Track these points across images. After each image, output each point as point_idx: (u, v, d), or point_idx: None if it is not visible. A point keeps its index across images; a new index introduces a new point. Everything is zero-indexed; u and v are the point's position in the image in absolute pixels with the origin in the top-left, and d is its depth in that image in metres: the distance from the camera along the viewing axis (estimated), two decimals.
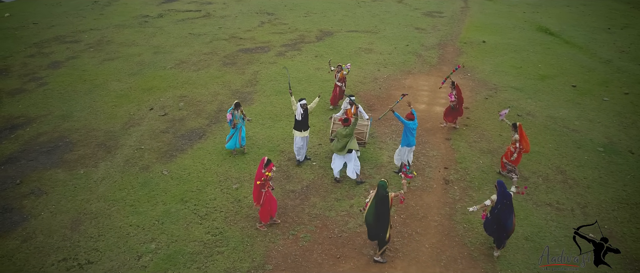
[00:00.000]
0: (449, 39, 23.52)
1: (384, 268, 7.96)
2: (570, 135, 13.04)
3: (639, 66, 19.79)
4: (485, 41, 22.92)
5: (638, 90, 16.77)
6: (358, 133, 10.70)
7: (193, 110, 13.94)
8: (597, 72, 18.81)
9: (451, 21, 27.63)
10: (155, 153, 11.41)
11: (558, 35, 24.77)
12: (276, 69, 17.67)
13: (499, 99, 15.55)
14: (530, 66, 19.25)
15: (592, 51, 22.01)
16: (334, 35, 23.27)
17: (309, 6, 30.28)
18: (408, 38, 23.11)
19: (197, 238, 8.51)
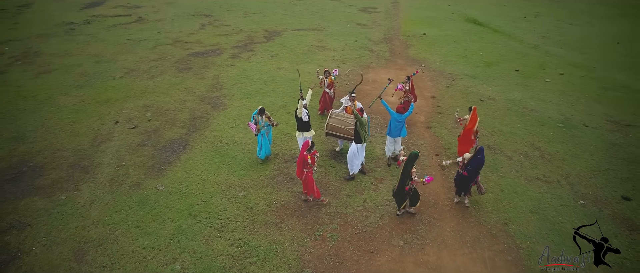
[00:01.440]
0: (392, 33, 24.38)
1: (419, 256, 8.13)
2: (531, 114, 14.19)
3: (562, 49, 22.02)
4: (426, 33, 24.09)
5: (570, 71, 18.67)
6: (352, 128, 10.66)
7: (164, 120, 13.09)
8: (530, 56, 20.61)
9: (387, 16, 28.64)
10: (141, 169, 10.57)
11: (486, 25, 26.73)
12: (237, 72, 17.16)
13: (458, 86, 16.46)
14: (474, 55, 20.60)
15: (519, 38, 24.07)
16: (281, 34, 23.07)
17: (245, 6, 29.71)
18: (354, 34, 23.57)
19: (223, 252, 8.06)
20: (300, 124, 10.21)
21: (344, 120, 10.85)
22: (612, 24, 28.25)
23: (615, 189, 10.33)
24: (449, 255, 8.18)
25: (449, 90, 16.08)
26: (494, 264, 7.97)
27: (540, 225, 8.99)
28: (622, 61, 20.42)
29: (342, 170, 10.72)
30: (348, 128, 10.64)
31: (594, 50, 22.10)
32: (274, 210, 9.24)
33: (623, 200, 9.93)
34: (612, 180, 10.69)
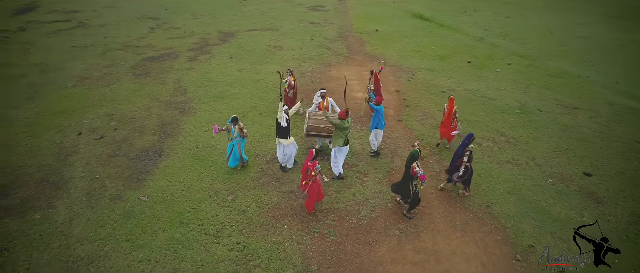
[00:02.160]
0: (346, 30, 24.79)
1: (416, 243, 8.43)
2: (490, 103, 15.05)
3: (504, 41, 23.47)
4: (378, 30, 24.73)
5: (516, 61, 19.96)
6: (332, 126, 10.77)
7: (132, 128, 12.54)
8: (478, 48, 21.79)
9: (338, 14, 29.06)
10: (118, 180, 10.08)
11: (432, 20, 27.88)
12: (198, 75, 16.74)
13: (419, 79, 17.10)
14: (426, 49, 21.45)
15: (464, 31, 25.34)
16: (236, 35, 22.76)
17: (191, 8, 28.97)
18: (309, 32, 23.73)
19: (224, 258, 7.91)
20: (280, 130, 10.08)
21: (322, 118, 10.93)
22: (541, 17, 30.48)
23: (576, 167, 11.23)
24: (443, 240, 8.55)
25: (411, 83, 16.65)
26: (486, 244, 8.43)
27: (519, 205, 9.60)
28: (557, 50, 22.12)
29: (325, 168, 10.80)
30: (328, 126, 10.74)
31: (532, 40, 23.75)
32: (267, 211, 9.17)
33: (585, 176, 10.83)
34: (572, 158, 11.61)
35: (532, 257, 8.13)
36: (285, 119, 9.95)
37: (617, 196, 10.02)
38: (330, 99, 11.44)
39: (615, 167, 11.22)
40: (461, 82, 16.85)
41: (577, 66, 19.40)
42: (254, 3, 31.83)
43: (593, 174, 10.86)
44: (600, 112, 14.50)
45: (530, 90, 16.34)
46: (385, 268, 7.80)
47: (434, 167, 11.02)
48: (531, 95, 15.80)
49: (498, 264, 7.95)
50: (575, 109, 14.67)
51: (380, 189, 10.03)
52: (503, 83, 17.00)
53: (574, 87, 16.79)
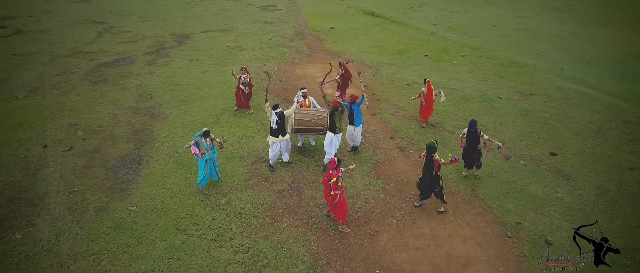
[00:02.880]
0: (302, 28, 24.93)
1: (414, 230, 8.74)
2: (454, 93, 15.78)
3: (454, 34, 24.63)
4: (333, 27, 25.08)
5: (468, 52, 21.02)
6: (319, 119, 10.90)
7: (102, 137, 11.96)
8: (432, 42, 22.72)
9: (290, 13, 29.13)
10: (99, 192, 9.60)
11: (383, 17, 28.67)
12: (161, 79, 16.23)
13: (383, 74, 17.58)
14: (384, 44, 22.07)
15: (415, 26, 26.30)
16: (191, 37, 22.23)
17: (138, 11, 27.91)
18: (266, 32, 23.64)
19: (231, 261, 7.80)
20: (272, 130, 10.08)
21: (309, 112, 11.01)
22: (481, 10, 32.24)
23: (542, 148, 12.08)
24: (438, 224, 8.93)
25: (377, 78, 17.08)
26: (478, 225, 8.90)
27: (500, 186, 10.21)
28: (504, 41, 23.53)
29: (312, 163, 10.92)
30: (315, 119, 10.83)
31: (478, 33, 25.09)
32: (263, 211, 9.13)
33: (551, 155, 11.68)
34: (537, 141, 12.48)
35: (521, 233, 8.69)
36: (274, 120, 9.93)
37: (583, 172, 10.91)
38: (311, 97, 11.53)
39: (575, 146, 12.18)
40: (423, 75, 17.46)
41: (524, 56, 20.75)
42: (202, 4, 31.16)
43: (558, 154, 11.72)
44: (552, 96, 15.63)
45: (487, 79, 17.30)
46: (390, 256, 8.03)
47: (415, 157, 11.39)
48: (489, 84, 16.73)
49: (492, 243, 8.43)
50: (531, 95, 15.73)
51: (370, 181, 10.27)
52: (461, 74, 17.85)
53: (525, 75, 17.97)
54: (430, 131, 12.69)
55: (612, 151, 11.92)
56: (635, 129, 13.27)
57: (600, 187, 10.28)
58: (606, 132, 13.00)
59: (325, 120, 10.84)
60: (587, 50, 22.19)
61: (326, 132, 10.85)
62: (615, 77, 18.11)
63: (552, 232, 8.72)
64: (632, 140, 12.56)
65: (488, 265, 7.89)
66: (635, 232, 8.80)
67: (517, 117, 13.84)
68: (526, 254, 8.15)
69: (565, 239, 8.51)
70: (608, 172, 10.91)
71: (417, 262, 7.94)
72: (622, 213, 9.36)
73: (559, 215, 9.24)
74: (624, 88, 16.76)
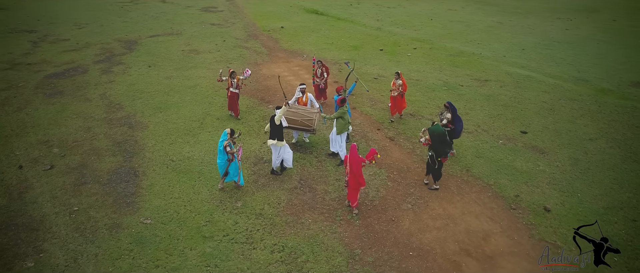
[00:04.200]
0: (252, 29, 24.78)
1: (429, 211, 9.29)
2: (419, 84, 16.70)
3: (399, 28, 25.86)
4: (284, 27, 25.19)
5: (418, 45, 22.22)
6: (307, 120, 11.06)
7: (83, 152, 11.24)
8: (381, 37, 23.68)
9: (234, 14, 28.76)
10: (104, 209, 9.08)
11: (327, 15, 29.29)
12: (124, 87, 15.46)
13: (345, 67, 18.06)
14: (338, 41, 22.62)
15: (361, 23, 27.19)
16: (140, 42, 21.27)
17: (70, 17, 26.09)
18: (216, 34, 23.22)
19: (270, 261, 7.82)
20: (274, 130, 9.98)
21: (298, 111, 11.17)
22: (415, 5, 34.02)
23: (513, 127, 13.25)
24: (449, 204, 9.57)
25: (343, 74, 17.54)
26: (483, 201, 9.67)
27: (490, 165, 11.11)
28: (444, 33, 25.12)
29: (313, 160, 11.11)
30: (303, 119, 11.00)
31: (420, 27, 26.52)
32: (283, 210, 9.19)
33: (522, 134, 12.86)
34: (506, 121, 13.65)
35: (522, 204, 9.58)
36: (283, 118, 9.94)
37: (553, 146, 12.16)
38: (309, 94, 11.67)
39: (539, 123, 13.50)
40: (385, 68, 18.26)
41: (467, 46, 22.34)
42: (137, 8, 29.72)
43: (527, 131, 12.94)
44: (505, 81, 17.10)
45: (444, 69, 18.46)
46: (417, 238, 8.50)
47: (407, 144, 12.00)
48: (447, 74, 17.88)
49: (501, 215, 9.22)
50: (486, 81, 17.07)
51: (374, 172, 10.68)
52: (419, 65, 18.87)
53: (475, 63, 19.41)
54: (411, 120, 13.39)
55: (570, 126, 13.37)
56: (582, 105, 14.95)
57: (571, 158, 11.54)
58: (559, 110, 14.53)
59: (313, 121, 10.99)
60: (518, 38, 24.36)
61: (314, 132, 11.06)
62: (549, 61, 20.15)
63: (546, 201, 9.70)
64: (582, 115, 14.16)
65: (504, 236, 8.63)
66: (611, 193, 10.06)
67: (482, 102, 14.99)
68: (532, 222, 9.01)
69: (559, 206, 9.54)
70: (573, 144, 12.25)
71: (442, 240, 8.47)
72: (596, 179, 10.62)
73: (546, 185, 10.28)
74: (560, 70, 18.73)
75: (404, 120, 13.38)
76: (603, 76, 18.14)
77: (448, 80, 16.98)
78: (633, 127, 13.41)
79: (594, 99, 15.49)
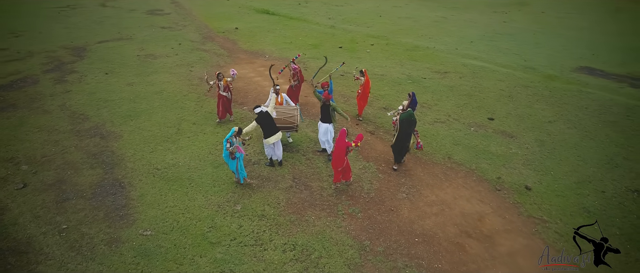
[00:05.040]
0: (206, 31, 24.28)
1: (423, 198, 9.69)
2: (384, 78, 17.22)
3: (352, 26, 26.40)
4: (238, 28, 24.91)
5: (375, 41, 22.84)
6: (290, 117, 11.14)
7: (56, 167, 10.57)
8: (337, 35, 24.09)
9: (182, 16, 27.99)
10: (97, 224, 8.63)
11: (278, 14, 29.28)
12: (84, 97, 14.68)
13: (313, 68, 18.26)
14: (296, 40, 22.73)
15: (314, 21, 27.45)
16: (89, 49, 20.21)
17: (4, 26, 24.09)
18: (170, 37, 22.55)
19: (284, 261, 7.84)
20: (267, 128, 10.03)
21: (279, 110, 11.20)
22: (362, 3, 34.84)
23: (480, 115, 14.06)
24: (440, 191, 10.04)
25: (310, 72, 17.68)
26: (470, 185, 10.24)
27: (468, 151, 11.75)
28: (396, 29, 25.99)
29: (301, 158, 11.18)
30: (286, 117, 11.05)
31: (372, 23, 27.22)
32: (284, 209, 9.21)
33: (489, 120, 13.69)
34: (473, 110, 14.45)
35: (505, 185, 10.24)
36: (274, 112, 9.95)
37: (519, 130, 13.06)
38: (284, 94, 11.70)
39: (502, 110, 14.42)
40: (349, 65, 18.60)
41: (420, 40, 23.28)
42: (76, 13, 28.06)
43: (494, 118, 13.78)
44: (463, 72, 18.05)
45: (405, 63, 19.15)
46: (419, 225, 8.86)
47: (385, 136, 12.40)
48: (408, 68, 18.56)
49: (489, 197, 9.81)
50: (446, 73, 17.93)
51: (363, 165, 10.95)
52: (380, 61, 19.42)
53: (431, 56, 20.28)
54: (385, 113, 13.76)
55: (529, 110, 14.41)
56: (535, 91, 16.14)
57: (537, 140, 12.46)
58: (517, 97, 15.59)
59: (295, 118, 11.07)
60: (464, 31, 25.73)
61: (297, 130, 11.17)
62: (497, 52, 21.49)
63: (525, 180, 10.45)
64: (538, 100, 15.30)
65: (496, 215, 9.21)
66: (578, 169, 11.01)
67: (447, 93, 15.74)
68: (518, 200, 9.69)
69: (537, 184, 10.30)
70: (536, 127, 13.23)
71: (442, 225, 8.90)
72: (562, 157, 11.57)
73: (522, 166, 11.05)
74: (508, 60, 20.05)
75: (379, 114, 13.76)
76: (547, 64, 19.64)
77: (411, 74, 17.63)
78: (583, 108, 14.67)
79: (544, 85, 16.75)
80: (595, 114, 14.22)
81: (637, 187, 10.27)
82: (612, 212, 9.36)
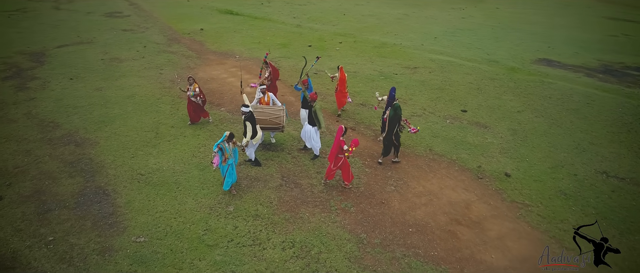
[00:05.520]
0: (170, 33, 23.76)
1: (411, 190, 9.97)
2: (357, 75, 17.47)
3: (318, 25, 26.59)
4: (203, 29, 24.53)
5: (342, 39, 23.09)
6: (275, 118, 11.16)
7: (31, 178, 10.08)
8: (305, 34, 24.18)
9: (144, 18, 27.25)
10: (85, 234, 8.33)
11: (242, 14, 29.05)
12: (51, 104, 14.07)
13: (286, 67, 18.32)
14: (264, 39, 22.65)
15: (279, 21, 27.42)
16: (48, 54, 19.38)
17: None
18: (133, 40, 21.92)
19: (285, 258, 7.86)
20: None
21: (265, 111, 11.18)
22: (324, 1, 35.08)
23: (453, 108, 14.56)
24: (426, 182, 10.35)
25: (284, 71, 17.69)
26: (454, 175, 10.62)
27: (447, 143, 12.16)
28: (361, 27, 26.40)
29: (287, 157, 11.20)
30: (271, 118, 11.05)
31: (337, 22, 27.49)
32: (277, 207, 9.22)
33: (463, 112, 14.21)
34: (446, 102, 14.95)
35: (486, 173, 10.69)
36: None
37: (491, 120, 13.64)
38: (270, 94, 11.69)
39: (473, 102, 15.00)
40: (321, 63, 18.69)
41: (386, 37, 23.76)
42: (29, 17, 26.70)
43: (467, 110, 14.31)
44: (432, 67, 18.59)
45: (375, 60, 19.50)
46: (411, 215, 9.12)
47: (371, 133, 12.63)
48: (379, 64, 18.92)
49: (472, 185, 10.22)
50: (416, 68, 18.41)
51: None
52: (351, 58, 19.68)
53: (399, 53, 20.75)
54: (364, 110, 14.05)
55: (498, 102, 15.06)
56: (501, 83, 16.88)
57: (510, 129, 13.07)
58: (485, 89, 16.25)
59: (281, 118, 11.09)
60: (427, 28, 26.46)
61: (283, 130, 11.20)
62: (460, 46, 22.27)
63: (503, 167, 10.96)
64: (505, 92, 16.01)
65: (482, 202, 9.61)
66: (551, 155, 11.64)
67: (420, 87, 16.19)
68: (500, 187, 10.14)
69: (515, 171, 10.82)
70: (507, 117, 13.85)
71: (432, 214, 9.19)
72: (535, 144, 12.19)
73: (499, 155, 11.57)
74: (472, 54, 20.83)
75: (357, 110, 14.00)
76: (508, 57, 20.55)
77: (382, 70, 17.99)
78: (547, 98, 15.49)
79: (508, 77, 17.54)
80: (559, 103, 15.04)
81: (604, 169, 10.97)
82: (586, 194, 9.96)
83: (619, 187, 10.25)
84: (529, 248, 8.29)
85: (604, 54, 21.98)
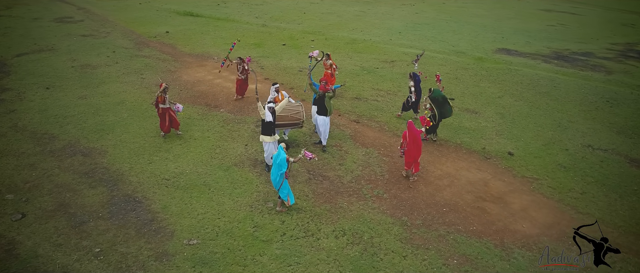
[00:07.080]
0: (135, 37, 22.97)
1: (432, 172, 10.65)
2: (341, 71, 17.85)
3: (283, 24, 26.79)
4: (169, 31, 23.93)
5: (314, 37, 23.48)
6: (296, 113, 11.42)
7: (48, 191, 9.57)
8: (274, 33, 24.31)
9: (100, 23, 26.05)
10: (133, 242, 8.13)
11: (204, 15, 28.58)
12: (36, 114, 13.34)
13: (269, 66, 18.45)
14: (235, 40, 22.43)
15: (244, 21, 27.34)
16: (9, 64, 18.22)
17: None
18: (98, 46, 20.99)
19: (342, 245, 8.12)
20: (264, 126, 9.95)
21: (286, 107, 11.36)
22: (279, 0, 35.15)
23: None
24: (442, 165, 11.06)
25: (267, 70, 17.83)
26: (465, 158, 11.42)
27: (447, 129, 12.90)
28: (326, 24, 26.93)
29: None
30: (292, 114, 11.34)
31: (302, 20, 27.81)
32: (315, 200, 9.48)
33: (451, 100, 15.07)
34: None
35: (492, 153, 11.60)
36: (268, 114, 9.91)
37: (479, 106, 14.69)
38: (284, 92, 11.86)
39: (456, 90, 16.02)
40: (299, 62, 19.04)
41: (355, 33, 24.46)
42: None
43: (454, 98, 15.27)
44: (408, 60, 19.47)
45: (353, 56, 20.09)
46: (440, 197, 9.77)
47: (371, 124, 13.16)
48: (357, 60, 19.53)
49: (483, 165, 11.08)
50: (394, 62, 19.24)
51: (364, 151, 11.60)
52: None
53: (372, 48, 21.51)
54: (361, 103, 14.56)
55: (479, 89, 16.21)
56: (475, 72, 18.11)
57: (497, 113, 14.16)
58: (463, 78, 17.38)
59: (301, 114, 11.38)
60: (388, 24, 27.51)
61: (302, 125, 11.49)
62: (425, 40, 23.46)
63: (504, 147, 11.97)
64: (481, 80, 17.23)
65: (496, 179, 10.48)
66: (540, 134, 12.82)
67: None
68: (507, 165, 11.09)
69: (516, 149, 11.84)
70: (491, 103, 14.98)
71: (458, 194, 9.91)
72: (523, 125, 13.35)
73: (496, 136, 12.57)
74: (439, 46, 22.05)
75: (354, 104, 14.46)
76: (471, 47, 21.98)
77: (363, 65, 18.62)
78: (518, 83, 16.88)
79: (479, 66, 18.83)
80: (530, 87, 16.45)
81: (588, 143, 12.29)
82: (581, 165, 11.15)
83: (605, 157, 11.54)
84: (550, 216, 9.20)
85: (551, 42, 24.10)
